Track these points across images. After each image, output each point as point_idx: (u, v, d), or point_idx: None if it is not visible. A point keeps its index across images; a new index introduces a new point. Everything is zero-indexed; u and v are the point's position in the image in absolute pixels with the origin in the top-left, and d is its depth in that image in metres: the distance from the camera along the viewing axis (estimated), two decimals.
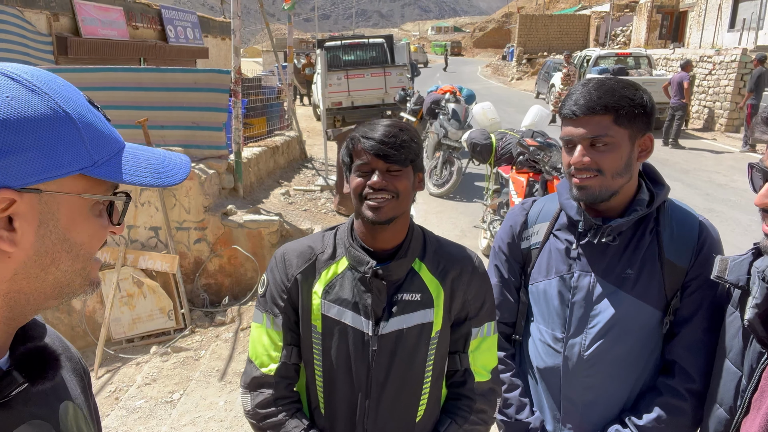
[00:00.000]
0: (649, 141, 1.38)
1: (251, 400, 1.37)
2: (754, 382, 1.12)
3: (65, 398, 0.76)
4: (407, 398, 1.35)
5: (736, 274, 1.17)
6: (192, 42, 14.78)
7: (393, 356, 1.32)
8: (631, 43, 27.90)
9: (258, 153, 7.48)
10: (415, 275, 1.34)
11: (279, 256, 1.40)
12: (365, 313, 1.31)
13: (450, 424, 1.39)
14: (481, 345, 1.40)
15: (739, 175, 9.43)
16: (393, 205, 1.25)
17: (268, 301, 1.39)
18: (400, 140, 1.23)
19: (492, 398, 1.42)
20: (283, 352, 1.37)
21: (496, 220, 5.48)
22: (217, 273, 5.79)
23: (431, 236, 1.42)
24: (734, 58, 13.94)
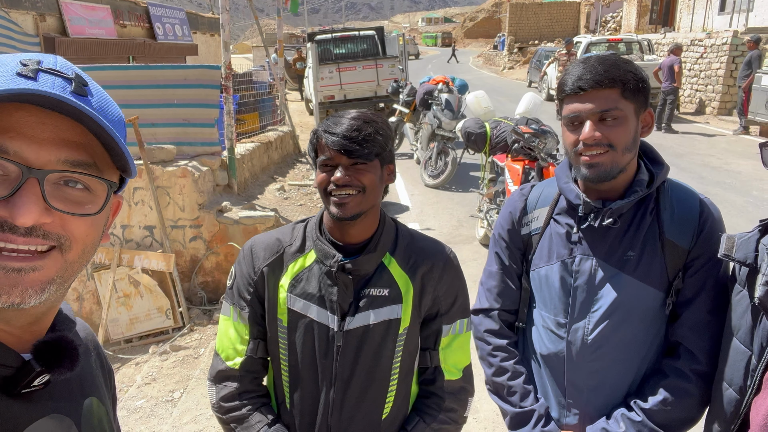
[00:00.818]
0: (650, 117, 1.36)
1: (216, 393, 1.36)
2: (764, 361, 1.10)
3: (90, 394, 0.76)
4: (373, 395, 1.33)
5: (744, 251, 1.15)
6: (181, 39, 14.66)
7: (358, 352, 1.30)
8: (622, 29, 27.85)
9: (251, 149, 7.44)
10: (384, 270, 1.31)
11: (247, 248, 1.38)
12: (331, 308, 1.29)
13: (418, 422, 1.37)
14: (452, 343, 1.38)
15: (733, 158, 9.46)
16: (359, 200, 1.22)
17: (235, 294, 1.37)
18: (363, 134, 1.19)
19: (463, 397, 1.40)
20: (249, 346, 1.35)
21: (493, 209, 5.46)
22: (214, 270, 5.76)
23: (404, 230, 1.39)
24: (725, 41, 13.94)
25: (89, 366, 0.80)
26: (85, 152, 0.63)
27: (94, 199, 0.65)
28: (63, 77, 0.63)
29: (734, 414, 1.17)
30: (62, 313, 0.76)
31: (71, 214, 0.63)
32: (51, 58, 0.65)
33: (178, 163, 5.65)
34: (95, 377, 0.81)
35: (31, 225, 0.59)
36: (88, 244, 0.66)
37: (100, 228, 0.68)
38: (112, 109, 0.68)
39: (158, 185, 5.41)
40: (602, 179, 1.31)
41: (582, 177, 1.33)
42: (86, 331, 0.84)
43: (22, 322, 0.66)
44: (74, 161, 0.62)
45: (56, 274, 0.63)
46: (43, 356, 0.66)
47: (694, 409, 1.36)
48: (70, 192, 0.63)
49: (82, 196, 0.64)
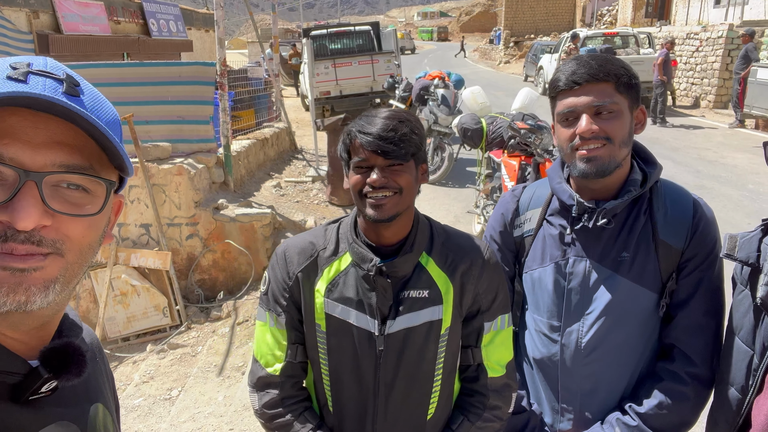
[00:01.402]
0: (642, 114, 1.35)
1: (258, 400, 1.34)
2: (766, 361, 1.10)
3: (96, 400, 0.77)
4: (417, 396, 1.31)
5: (746, 251, 1.15)
6: (175, 35, 14.58)
7: (401, 355, 1.27)
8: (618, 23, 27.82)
9: (247, 146, 7.42)
10: (423, 270, 1.28)
11: (280, 252, 1.35)
12: (371, 312, 1.26)
13: (463, 421, 1.34)
14: (494, 339, 1.34)
15: (729, 151, 9.48)
16: (396, 201, 1.18)
17: (271, 300, 1.34)
18: (399, 134, 1.16)
19: (507, 394, 1.36)
20: (288, 352, 1.33)
21: (489, 205, 5.46)
22: (211, 268, 5.76)
23: (438, 227, 1.35)
24: (721, 34, 13.95)
25: (95, 372, 0.80)
26: (80, 154, 0.63)
27: (94, 200, 0.65)
28: (54, 78, 0.62)
29: (736, 413, 1.18)
30: (69, 319, 0.76)
31: (71, 215, 0.63)
32: (41, 59, 0.65)
33: (173, 160, 5.63)
34: (100, 383, 0.81)
35: (32, 228, 0.59)
36: (84, 246, 0.66)
37: (99, 229, 0.68)
38: (105, 108, 0.68)
39: (154, 183, 5.40)
40: (600, 174, 1.29)
41: (579, 172, 1.30)
42: (91, 337, 0.84)
43: (29, 326, 0.66)
44: (70, 164, 0.62)
45: (59, 274, 0.63)
46: (50, 363, 0.66)
47: (690, 412, 1.35)
48: (68, 194, 0.63)
49: (80, 197, 0.64)
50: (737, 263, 1.19)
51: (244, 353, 4.41)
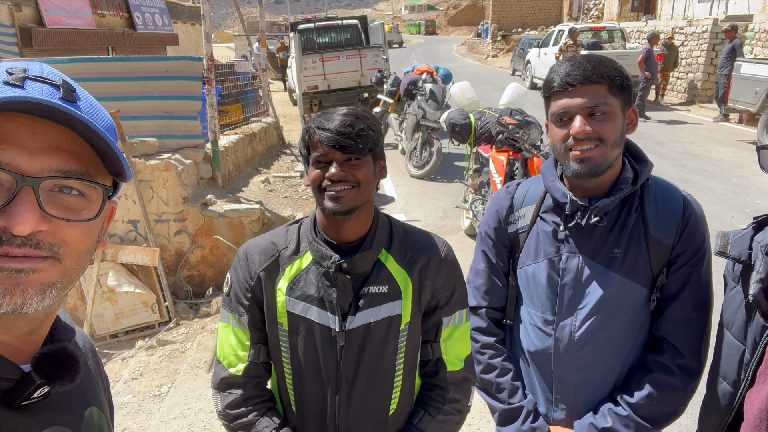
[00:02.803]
0: (634, 114, 1.38)
1: (221, 401, 1.35)
2: (757, 356, 1.13)
3: (91, 404, 0.76)
4: (379, 392, 1.33)
5: (738, 248, 1.17)
6: (161, 29, 14.41)
7: (362, 351, 1.29)
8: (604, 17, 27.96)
9: (235, 141, 7.38)
10: (382, 267, 1.31)
11: (242, 253, 1.36)
12: (331, 309, 1.28)
13: (424, 415, 1.37)
14: (453, 334, 1.38)
15: (713, 145, 9.60)
16: (354, 194, 1.21)
17: (233, 301, 1.35)
18: (357, 129, 1.19)
19: (466, 387, 1.40)
20: (251, 352, 1.34)
21: (478, 200, 5.50)
22: (200, 264, 5.73)
23: (398, 225, 1.39)
24: (706, 29, 14.09)
25: (89, 375, 0.80)
26: (77, 159, 0.63)
27: (90, 205, 0.65)
28: (50, 84, 0.63)
29: (728, 407, 1.20)
30: (61, 321, 0.76)
31: (67, 220, 0.63)
32: (36, 65, 0.65)
33: (160, 156, 5.59)
34: (95, 386, 0.81)
35: (29, 233, 0.59)
36: (82, 251, 0.66)
37: (94, 234, 0.68)
38: (101, 114, 0.68)
39: (141, 179, 5.36)
40: (593, 174, 1.31)
41: (572, 172, 1.33)
42: (84, 339, 0.84)
43: (23, 329, 0.66)
44: (67, 169, 0.62)
45: (56, 279, 0.63)
46: (43, 368, 0.66)
47: (678, 402, 1.38)
48: (65, 198, 0.63)
49: (77, 202, 0.64)
50: (729, 260, 1.22)
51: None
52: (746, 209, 6.31)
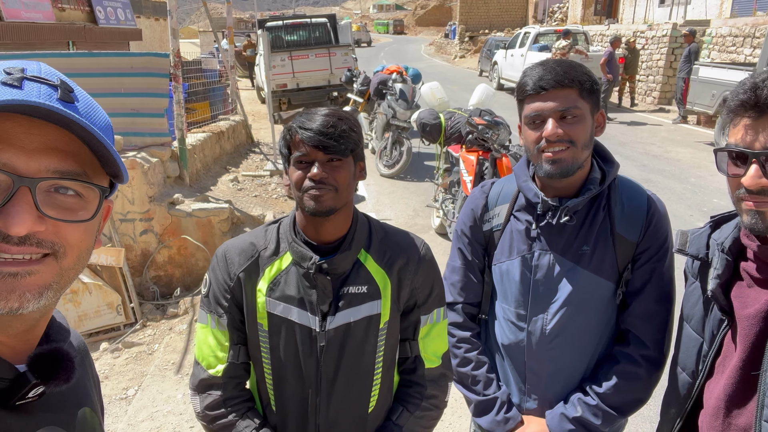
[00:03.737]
0: (602, 117, 1.44)
1: (200, 402, 1.34)
2: (715, 348, 1.18)
3: (84, 404, 0.76)
4: (358, 390, 1.34)
5: (696, 246, 1.23)
6: (124, 23, 14.05)
7: (342, 350, 1.30)
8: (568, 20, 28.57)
9: (203, 139, 7.27)
10: (361, 267, 1.32)
11: (220, 254, 1.36)
12: (311, 309, 1.29)
13: (402, 411, 1.40)
14: (430, 332, 1.40)
15: (673, 146, 9.93)
16: (334, 195, 1.21)
17: (212, 302, 1.35)
18: (339, 130, 1.19)
19: (443, 383, 1.43)
20: (230, 352, 1.34)
21: (448, 199, 5.56)
22: (167, 264, 5.63)
23: (377, 225, 1.40)
24: (665, 33, 14.53)
25: (83, 376, 0.80)
26: (74, 160, 0.63)
27: (87, 206, 0.65)
28: (48, 84, 0.62)
29: (687, 396, 1.26)
30: (56, 322, 0.76)
31: (64, 221, 0.63)
32: (35, 65, 0.65)
33: (126, 154, 5.47)
34: (88, 387, 0.81)
35: (25, 234, 0.59)
36: (83, 250, 0.66)
37: (93, 234, 0.68)
38: (99, 114, 0.68)
39: None
40: (564, 174, 1.37)
41: (545, 173, 1.38)
42: (78, 340, 0.84)
43: (18, 329, 0.65)
44: (64, 170, 0.62)
45: (53, 280, 0.63)
46: (39, 368, 0.65)
47: (643, 391, 1.46)
48: (62, 199, 0.63)
49: (74, 202, 0.64)
50: (688, 257, 1.28)
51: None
52: (704, 208, 6.55)
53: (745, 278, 1.14)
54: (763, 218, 1.02)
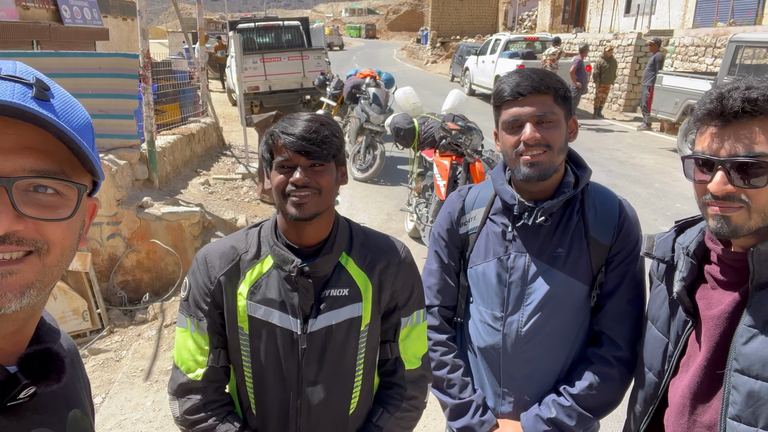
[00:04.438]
0: (575, 123, 1.48)
1: (179, 406, 1.33)
2: (680, 348, 1.23)
3: (75, 406, 0.76)
4: (339, 392, 1.35)
5: (662, 250, 1.27)
6: (90, 23, 13.72)
7: (323, 353, 1.31)
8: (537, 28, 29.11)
9: (173, 141, 7.15)
10: (342, 270, 1.33)
11: (201, 257, 1.35)
12: (293, 312, 1.29)
13: (382, 413, 1.41)
14: (411, 333, 1.42)
15: (637, 152, 10.20)
16: (316, 200, 1.22)
17: (192, 305, 1.34)
18: (321, 135, 1.20)
19: (423, 384, 1.45)
20: (210, 356, 1.34)
21: (422, 203, 5.59)
22: (135, 269, 5.52)
23: (357, 228, 1.41)
24: (630, 42, 14.92)
25: (73, 377, 0.79)
26: (51, 159, 0.62)
27: (67, 203, 0.64)
28: (23, 83, 0.62)
29: (653, 395, 1.30)
30: (46, 323, 0.75)
31: (43, 219, 0.62)
32: (10, 64, 0.64)
33: None
34: (78, 389, 0.80)
35: (4, 234, 0.58)
36: (66, 248, 0.65)
37: (76, 231, 0.68)
38: (76, 112, 0.67)
39: None
40: (542, 177, 1.40)
41: (523, 176, 1.41)
42: (69, 342, 0.83)
43: (6, 330, 0.64)
44: (41, 169, 0.61)
45: (35, 278, 0.62)
46: (29, 369, 0.65)
47: (617, 392, 1.49)
48: (40, 197, 0.62)
49: (53, 200, 0.63)
50: (654, 261, 1.32)
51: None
52: (668, 212, 6.75)
53: (709, 280, 1.18)
54: (728, 222, 1.06)
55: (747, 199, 1.03)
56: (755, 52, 9.40)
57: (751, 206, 1.04)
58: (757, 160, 1.01)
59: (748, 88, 1.03)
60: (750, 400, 1.05)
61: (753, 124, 1.02)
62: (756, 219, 1.04)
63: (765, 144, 1.01)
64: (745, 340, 1.06)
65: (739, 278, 1.12)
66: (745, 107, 1.01)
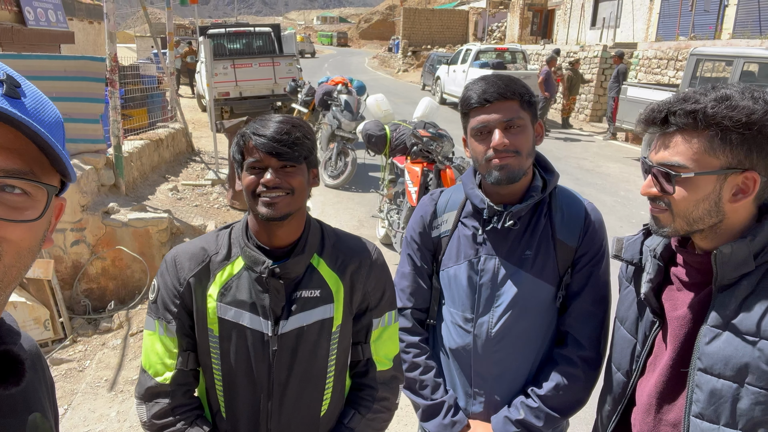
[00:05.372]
0: (540, 127, 1.51)
1: (147, 411, 1.31)
2: (647, 348, 1.26)
3: (35, 409, 0.73)
4: (311, 394, 1.35)
5: (630, 252, 1.31)
6: (55, 25, 13.39)
7: (294, 354, 1.30)
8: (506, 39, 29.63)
9: (140, 146, 7.01)
10: (314, 271, 1.32)
11: (170, 259, 1.33)
12: (264, 314, 1.28)
13: (354, 414, 1.40)
14: (382, 335, 1.43)
15: (603, 161, 10.45)
16: (288, 201, 1.22)
17: (160, 308, 1.32)
18: (293, 137, 1.20)
19: (394, 385, 1.45)
20: (179, 359, 1.32)
21: (393, 210, 5.61)
22: (100, 276, 5.38)
23: (329, 230, 1.41)
24: (596, 54, 15.32)
25: (33, 380, 0.77)
26: (20, 158, 0.61)
27: (35, 204, 0.62)
28: None
29: (622, 394, 1.33)
30: (5, 324, 0.72)
31: (9, 220, 0.60)
32: None
33: None
34: (39, 392, 0.78)
35: None
36: (23, 249, 0.63)
37: (39, 232, 0.66)
38: (48, 110, 0.66)
39: None
40: (511, 181, 1.43)
41: (493, 179, 1.43)
42: (30, 343, 0.80)
43: None
44: (9, 168, 0.59)
45: None
46: None
47: (582, 391, 1.52)
48: (7, 197, 0.60)
49: (20, 201, 0.61)
50: (623, 263, 1.36)
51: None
52: (632, 219, 6.93)
53: (675, 282, 1.22)
54: (657, 222, 1.16)
55: (667, 202, 1.12)
56: (714, 65, 9.77)
57: (672, 210, 1.12)
58: (666, 170, 1.09)
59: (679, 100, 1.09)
60: (712, 398, 1.08)
61: (676, 135, 1.09)
62: (680, 222, 1.12)
63: (682, 155, 1.08)
64: (708, 340, 1.10)
65: (703, 280, 1.16)
66: (669, 119, 1.09)
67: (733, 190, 1.08)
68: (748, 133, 1.03)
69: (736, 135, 1.04)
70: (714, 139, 1.05)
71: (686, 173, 1.07)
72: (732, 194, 1.08)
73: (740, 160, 1.05)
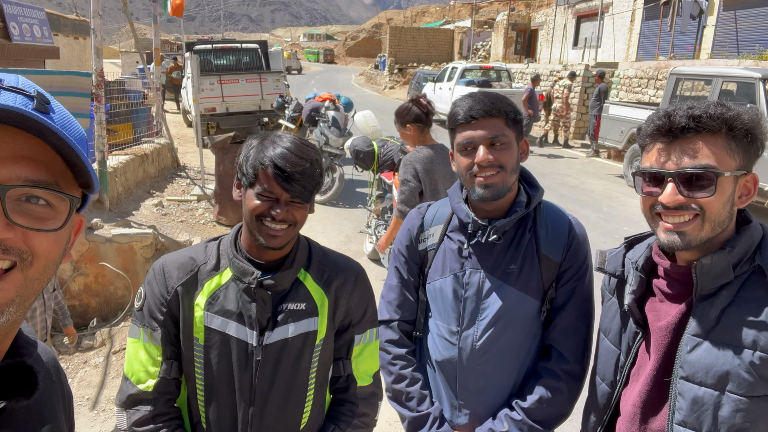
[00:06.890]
0: (526, 144, 1.55)
1: (127, 418, 1.31)
2: (631, 358, 1.28)
3: (49, 421, 0.74)
4: (291, 406, 1.36)
5: (613, 265, 1.34)
6: (40, 41, 13.33)
7: (277, 365, 1.32)
8: (491, 57, 30.08)
9: (125, 161, 6.97)
10: (300, 285, 1.36)
11: (158, 267, 1.35)
12: (250, 324, 1.30)
13: (334, 429, 1.42)
14: (363, 351, 1.45)
15: (587, 178, 10.59)
16: (290, 232, 1.27)
17: (146, 315, 1.34)
18: (309, 176, 1.24)
19: (374, 401, 1.48)
20: (163, 367, 1.33)
21: (381, 225, 5.62)
22: (82, 293, 5.30)
23: (316, 246, 1.45)
24: (578, 73, 15.61)
25: (49, 391, 0.78)
26: (46, 170, 0.62)
27: (57, 215, 0.64)
28: (24, 95, 0.62)
29: (606, 405, 1.35)
30: (23, 335, 0.73)
31: (33, 229, 0.61)
32: (12, 77, 0.65)
33: None
34: (54, 403, 0.78)
35: None
36: (50, 261, 0.65)
37: (62, 245, 0.67)
38: (74, 126, 0.68)
39: None
40: (496, 197, 1.46)
41: (478, 196, 1.46)
42: (49, 355, 0.81)
43: None
44: (36, 179, 0.61)
45: (16, 294, 0.61)
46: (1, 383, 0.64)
47: (565, 404, 1.53)
48: (32, 208, 0.62)
49: (44, 211, 0.63)
50: (606, 275, 1.38)
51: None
52: (615, 235, 7.01)
53: (657, 293, 1.25)
54: (682, 236, 1.12)
55: (697, 207, 1.10)
56: (693, 84, 10.00)
57: (705, 215, 1.10)
58: (704, 172, 1.09)
59: (690, 107, 1.12)
60: (694, 405, 1.11)
61: (697, 139, 1.10)
62: (707, 229, 1.11)
63: (709, 157, 1.09)
64: (689, 349, 1.12)
65: (684, 291, 1.18)
66: (689, 123, 1.09)
67: (740, 191, 1.12)
68: (750, 136, 1.09)
69: (742, 137, 1.09)
70: (731, 141, 1.09)
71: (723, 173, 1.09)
72: (738, 197, 1.13)
73: (746, 161, 1.10)
